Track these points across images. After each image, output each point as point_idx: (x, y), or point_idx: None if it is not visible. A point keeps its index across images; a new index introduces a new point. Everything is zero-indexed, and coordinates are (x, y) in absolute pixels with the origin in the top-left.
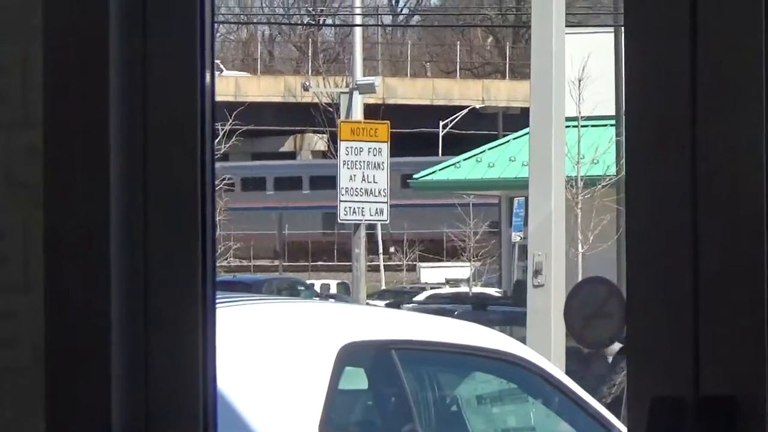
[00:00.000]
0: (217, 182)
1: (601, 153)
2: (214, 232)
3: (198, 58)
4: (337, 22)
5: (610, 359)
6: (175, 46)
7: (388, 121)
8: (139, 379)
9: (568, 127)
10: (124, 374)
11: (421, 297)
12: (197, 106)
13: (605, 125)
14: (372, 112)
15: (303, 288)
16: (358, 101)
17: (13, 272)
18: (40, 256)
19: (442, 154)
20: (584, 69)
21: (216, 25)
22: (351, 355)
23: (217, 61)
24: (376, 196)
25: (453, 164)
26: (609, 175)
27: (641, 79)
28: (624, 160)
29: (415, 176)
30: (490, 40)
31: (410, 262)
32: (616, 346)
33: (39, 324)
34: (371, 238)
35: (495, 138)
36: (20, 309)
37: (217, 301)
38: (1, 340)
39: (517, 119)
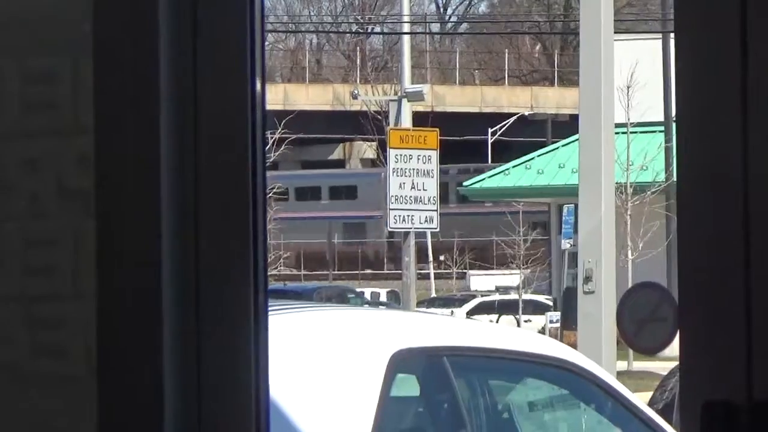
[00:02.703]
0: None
1: (650, 159)
2: (266, 240)
3: (248, 66)
4: (385, 30)
5: None
6: (225, 55)
7: (437, 129)
8: (191, 385)
9: (617, 133)
10: (177, 381)
11: (470, 305)
12: (248, 114)
13: (654, 131)
14: (421, 119)
15: (353, 296)
16: (407, 109)
17: (63, 280)
18: (92, 264)
19: (492, 162)
20: (633, 75)
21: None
22: (403, 361)
23: None
24: (425, 203)
25: (502, 171)
26: (658, 182)
27: (692, 81)
28: (673, 166)
29: (464, 183)
30: (538, 47)
31: (460, 270)
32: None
33: (90, 332)
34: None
35: (544, 145)
36: (71, 317)
37: (269, 308)
38: (52, 348)
39: (565, 126)
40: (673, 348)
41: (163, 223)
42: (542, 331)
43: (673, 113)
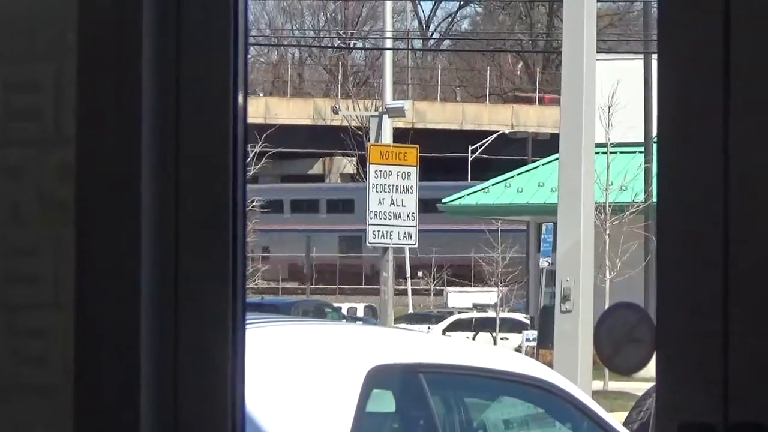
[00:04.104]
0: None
1: (629, 180)
2: (245, 253)
3: (231, 79)
4: (368, 45)
5: None
6: (208, 68)
7: (417, 146)
8: (168, 396)
9: (597, 153)
10: (153, 392)
11: (447, 322)
12: (230, 127)
13: (634, 152)
14: (401, 135)
15: (330, 311)
16: (388, 125)
17: (43, 290)
18: (71, 274)
19: (471, 179)
20: (614, 95)
21: None
22: (379, 377)
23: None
24: (404, 219)
25: (482, 189)
26: (637, 202)
27: (674, 101)
28: (653, 186)
29: (444, 200)
30: (520, 65)
31: (438, 287)
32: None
33: (69, 342)
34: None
35: (524, 163)
36: (50, 327)
37: (246, 321)
38: (31, 357)
39: (546, 145)
40: (649, 369)
41: (143, 233)
42: (518, 350)
43: (654, 134)
